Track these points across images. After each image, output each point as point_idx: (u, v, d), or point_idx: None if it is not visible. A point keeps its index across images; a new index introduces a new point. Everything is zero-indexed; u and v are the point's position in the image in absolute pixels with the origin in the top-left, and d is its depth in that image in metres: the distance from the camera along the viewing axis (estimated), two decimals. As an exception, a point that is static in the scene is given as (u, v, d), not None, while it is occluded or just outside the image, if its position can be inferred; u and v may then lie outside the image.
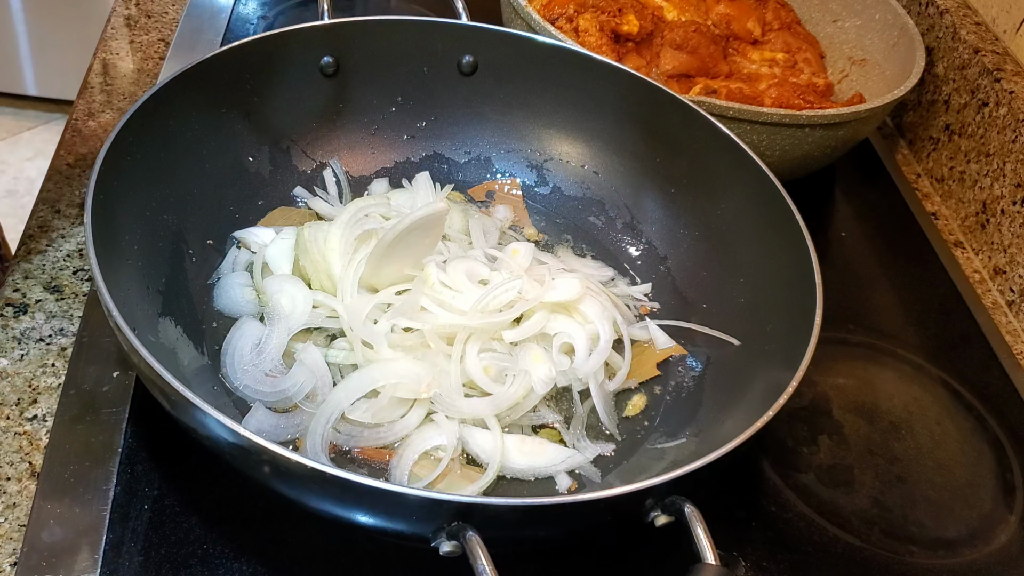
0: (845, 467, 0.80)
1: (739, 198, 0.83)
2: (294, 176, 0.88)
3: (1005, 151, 1.02)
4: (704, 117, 0.84)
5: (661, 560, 0.68)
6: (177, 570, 0.63)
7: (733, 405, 0.72)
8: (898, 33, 1.09)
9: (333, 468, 0.52)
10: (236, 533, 0.66)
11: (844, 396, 0.86)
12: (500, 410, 0.72)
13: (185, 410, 0.55)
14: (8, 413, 0.71)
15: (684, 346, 0.82)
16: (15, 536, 0.63)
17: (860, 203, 1.11)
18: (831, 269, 0.83)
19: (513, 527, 0.58)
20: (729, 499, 0.75)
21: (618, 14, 1.03)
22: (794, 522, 0.75)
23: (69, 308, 0.78)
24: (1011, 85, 1.02)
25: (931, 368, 0.90)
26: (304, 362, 0.72)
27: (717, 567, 0.56)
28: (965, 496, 0.80)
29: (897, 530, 0.76)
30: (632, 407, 0.78)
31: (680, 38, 1.04)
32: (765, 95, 1.03)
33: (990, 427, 0.86)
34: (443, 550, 0.54)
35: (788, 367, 0.65)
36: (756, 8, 1.16)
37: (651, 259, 0.90)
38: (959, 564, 0.74)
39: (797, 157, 0.95)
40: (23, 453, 0.68)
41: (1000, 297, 1.01)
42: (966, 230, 1.08)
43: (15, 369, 0.74)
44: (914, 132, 1.20)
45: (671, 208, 0.89)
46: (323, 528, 0.66)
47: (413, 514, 0.55)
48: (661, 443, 0.74)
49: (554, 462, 0.71)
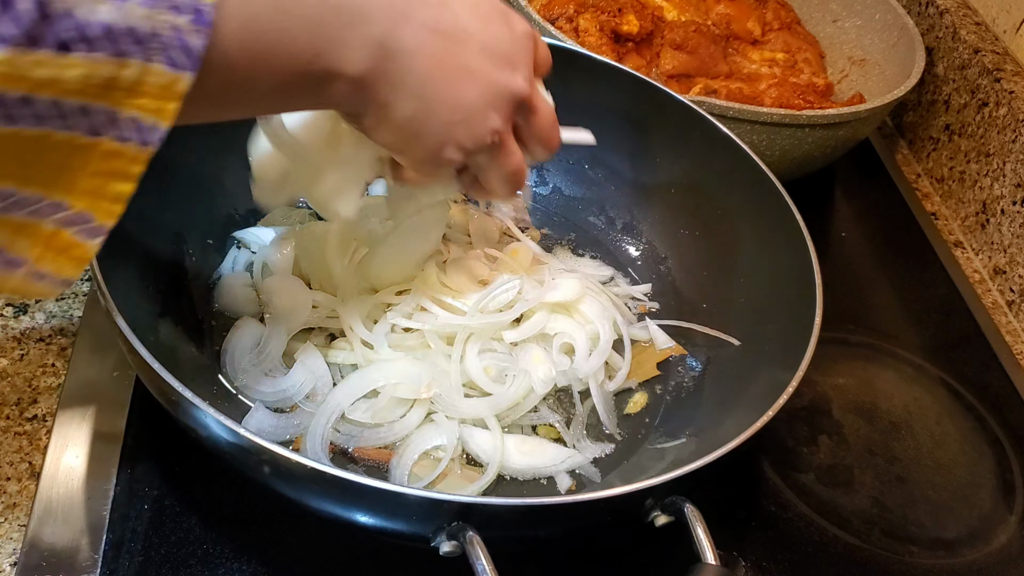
0: (845, 467, 0.80)
1: (739, 198, 0.83)
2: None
3: (1005, 151, 1.02)
4: (704, 117, 0.84)
5: (661, 560, 0.68)
6: (177, 570, 0.63)
7: (733, 405, 0.72)
8: (898, 33, 1.09)
9: (333, 468, 0.52)
10: (236, 533, 0.66)
11: (844, 396, 0.86)
12: (500, 410, 0.72)
13: (185, 410, 0.55)
14: (8, 413, 0.71)
15: (684, 346, 0.82)
16: (15, 536, 0.64)
17: (860, 203, 1.11)
18: (831, 269, 0.82)
19: (513, 527, 0.58)
20: (729, 499, 0.75)
21: (618, 14, 1.03)
22: (794, 522, 0.75)
23: (69, 308, 0.78)
24: (1011, 85, 1.02)
25: (931, 368, 0.90)
26: (304, 362, 0.72)
27: (717, 567, 0.56)
28: (965, 496, 0.80)
29: (897, 530, 0.76)
30: (632, 407, 0.78)
31: (680, 38, 1.04)
32: (765, 95, 1.03)
33: (990, 427, 0.86)
34: (443, 550, 0.54)
35: (788, 367, 0.65)
36: (756, 8, 1.16)
37: (651, 259, 0.90)
38: (959, 564, 0.74)
39: (797, 157, 0.95)
40: (23, 453, 0.68)
41: (1000, 297, 1.01)
42: (966, 230, 1.08)
43: (15, 369, 0.74)
44: (914, 132, 1.20)
45: (671, 208, 0.89)
46: (323, 528, 0.66)
47: (413, 514, 0.55)
48: (661, 443, 0.74)
49: (554, 462, 0.71)
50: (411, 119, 0.55)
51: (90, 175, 0.41)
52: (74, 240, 0.43)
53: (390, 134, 0.56)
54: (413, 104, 0.54)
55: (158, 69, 0.40)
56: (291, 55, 0.47)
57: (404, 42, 0.52)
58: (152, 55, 0.39)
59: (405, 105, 0.54)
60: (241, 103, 0.49)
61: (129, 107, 0.40)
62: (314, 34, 0.48)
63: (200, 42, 0.41)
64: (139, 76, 0.39)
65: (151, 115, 0.41)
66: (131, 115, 0.40)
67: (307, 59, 0.48)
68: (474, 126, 0.57)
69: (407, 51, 0.52)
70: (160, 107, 0.41)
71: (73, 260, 0.43)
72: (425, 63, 0.53)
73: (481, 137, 0.58)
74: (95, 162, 0.41)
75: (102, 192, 0.42)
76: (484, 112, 0.57)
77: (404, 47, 0.52)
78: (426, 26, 0.53)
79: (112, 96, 0.39)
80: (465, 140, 0.57)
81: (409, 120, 0.55)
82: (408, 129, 0.55)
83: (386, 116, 0.54)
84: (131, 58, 0.39)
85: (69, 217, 0.42)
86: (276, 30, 0.46)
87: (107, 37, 0.38)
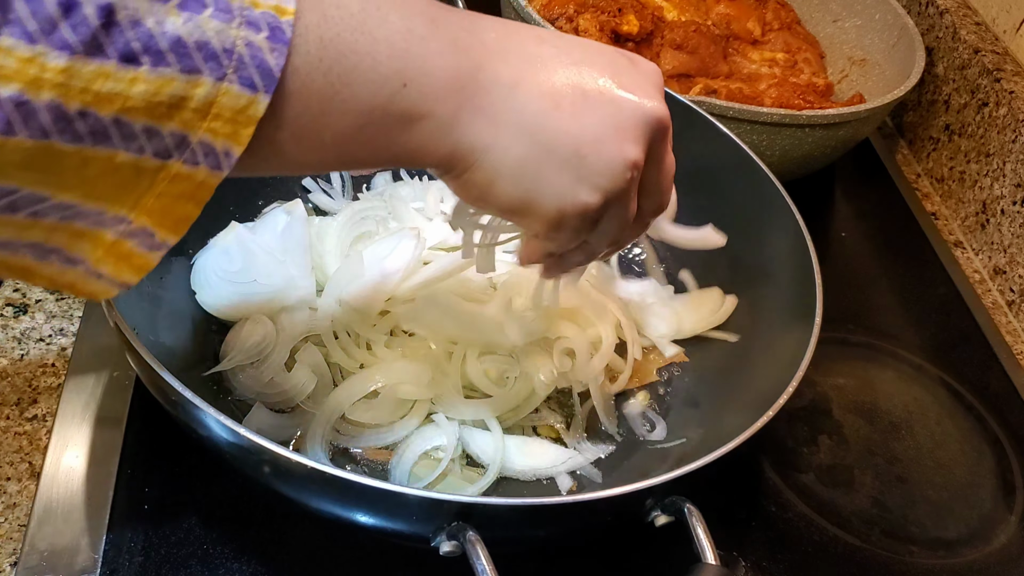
0: (845, 467, 0.80)
1: (739, 198, 0.83)
2: (294, 176, 0.88)
3: (1005, 151, 1.02)
4: (704, 117, 0.84)
5: (661, 560, 0.68)
6: (177, 570, 0.63)
7: (733, 405, 0.72)
8: (898, 33, 1.09)
9: (333, 468, 0.52)
10: (236, 533, 0.66)
11: (844, 396, 0.86)
12: (501, 411, 0.72)
13: (185, 410, 0.55)
14: (8, 413, 0.71)
15: (684, 345, 0.82)
16: (15, 536, 0.64)
17: (860, 203, 1.11)
18: (831, 269, 0.82)
19: (513, 527, 0.58)
20: (729, 499, 0.75)
21: (618, 14, 1.03)
22: (794, 522, 0.75)
23: (69, 308, 0.78)
24: (1011, 85, 1.02)
25: (931, 368, 0.90)
26: (304, 362, 0.72)
27: (717, 567, 0.56)
28: (965, 496, 0.80)
29: (897, 530, 0.76)
30: (632, 407, 0.77)
31: (680, 38, 1.04)
32: (765, 95, 1.03)
33: (990, 427, 0.86)
34: (443, 550, 0.54)
35: (788, 367, 0.65)
36: (756, 8, 1.16)
37: (651, 259, 0.90)
38: (959, 564, 0.74)
39: (797, 157, 0.95)
40: (23, 453, 0.68)
41: (1000, 297, 1.01)
42: (966, 230, 1.08)
43: (15, 369, 0.74)
44: (914, 132, 1.20)
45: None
46: (323, 528, 0.66)
47: (413, 514, 0.55)
48: (661, 443, 0.74)
49: (555, 463, 0.71)
50: (523, 161, 0.46)
51: (156, 196, 0.39)
52: (135, 251, 0.41)
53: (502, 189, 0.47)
54: (524, 141, 0.46)
55: (232, 89, 0.37)
56: (374, 83, 0.42)
57: (500, 75, 0.45)
58: (226, 73, 0.37)
59: (514, 145, 0.46)
60: (316, 142, 0.42)
61: (200, 129, 0.37)
62: (401, 61, 0.42)
63: (277, 61, 0.38)
64: (211, 96, 0.37)
65: (224, 139, 0.38)
66: (202, 138, 0.37)
67: (391, 90, 0.42)
68: (608, 157, 0.47)
69: (504, 84, 0.45)
70: (234, 131, 0.38)
71: (134, 268, 0.41)
72: (529, 92, 0.46)
73: (618, 171, 0.47)
74: (162, 184, 0.38)
75: (167, 212, 0.39)
76: (616, 141, 0.47)
77: (501, 80, 0.45)
78: (523, 58, 0.46)
79: (181, 116, 0.37)
80: (600, 177, 0.47)
81: (521, 163, 0.46)
82: (522, 176, 0.47)
83: (493, 165, 0.46)
84: (203, 76, 0.36)
85: (132, 230, 0.40)
86: (358, 52, 0.41)
87: (177, 51, 0.35)
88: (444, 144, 0.45)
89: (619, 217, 0.51)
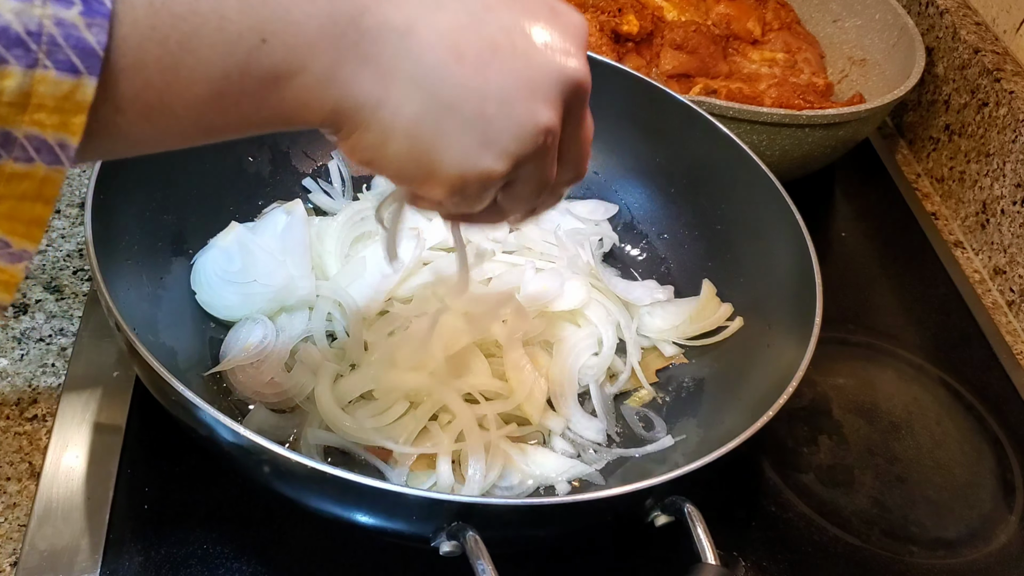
0: (845, 467, 0.80)
1: (739, 198, 0.83)
2: (294, 177, 0.88)
3: (1005, 151, 1.02)
4: (704, 117, 0.84)
5: (661, 560, 0.68)
6: (177, 570, 0.63)
7: (733, 405, 0.72)
8: (898, 33, 1.09)
9: (333, 468, 0.52)
10: (236, 533, 0.66)
11: (844, 396, 0.86)
12: (501, 412, 0.72)
13: (185, 410, 0.55)
14: (8, 413, 0.71)
15: (683, 345, 0.82)
16: (15, 536, 0.63)
17: (860, 203, 1.11)
18: (831, 269, 0.82)
19: (513, 527, 0.58)
20: (729, 499, 0.75)
21: (618, 14, 1.03)
22: (794, 522, 0.75)
23: (69, 308, 0.78)
24: (1011, 85, 1.02)
25: (931, 368, 0.90)
26: (304, 362, 0.72)
27: (717, 567, 0.56)
28: (965, 496, 0.80)
29: (897, 530, 0.76)
30: (632, 407, 0.77)
31: (680, 38, 1.04)
32: (765, 95, 1.03)
33: (990, 427, 0.86)
34: (443, 550, 0.54)
35: (788, 367, 0.65)
36: (756, 8, 1.16)
37: (651, 259, 0.90)
38: (959, 564, 0.74)
39: (797, 157, 0.95)
40: (23, 453, 0.68)
41: (1000, 297, 1.01)
42: (966, 230, 1.08)
43: (15, 369, 0.74)
44: (914, 132, 1.20)
45: (671, 208, 0.90)
46: (323, 528, 0.66)
47: (413, 514, 0.55)
48: (661, 443, 0.74)
49: (556, 471, 0.70)
50: (419, 120, 0.41)
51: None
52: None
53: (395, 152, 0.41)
54: (419, 97, 0.40)
55: (49, 76, 0.32)
56: (224, 44, 0.36)
57: (390, 19, 0.40)
58: (37, 59, 0.32)
59: (407, 102, 0.40)
60: (169, 118, 0.37)
61: (23, 124, 0.33)
62: (255, 14, 0.37)
63: (98, 38, 0.33)
64: (24, 87, 0.32)
65: (54, 131, 0.34)
66: (28, 132, 0.33)
67: (247, 48, 0.37)
68: (517, 119, 0.42)
69: (395, 30, 0.39)
70: (62, 121, 0.34)
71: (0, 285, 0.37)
72: (426, 40, 0.40)
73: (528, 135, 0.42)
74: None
75: (14, 217, 0.35)
76: (527, 101, 0.42)
77: (390, 25, 0.39)
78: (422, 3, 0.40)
79: None
80: (508, 141, 0.42)
81: (417, 122, 0.41)
82: (418, 137, 0.41)
83: (383, 124, 0.41)
84: (8, 65, 0.32)
85: None
86: (199, 13, 0.35)
87: None
88: (325, 102, 0.40)
89: (534, 181, 0.45)
